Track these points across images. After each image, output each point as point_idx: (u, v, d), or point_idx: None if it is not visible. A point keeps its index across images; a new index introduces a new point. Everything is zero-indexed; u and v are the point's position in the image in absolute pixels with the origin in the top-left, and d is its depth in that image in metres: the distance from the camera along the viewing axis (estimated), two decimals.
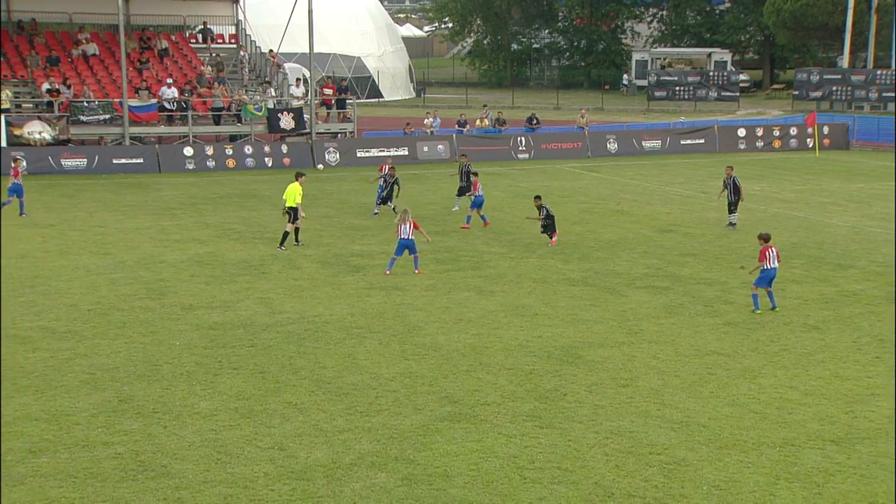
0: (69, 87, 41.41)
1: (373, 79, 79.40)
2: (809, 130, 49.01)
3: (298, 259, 23.87)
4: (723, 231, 27.76)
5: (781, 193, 35.15)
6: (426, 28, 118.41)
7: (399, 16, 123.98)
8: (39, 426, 13.43)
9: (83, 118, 40.28)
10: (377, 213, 29.98)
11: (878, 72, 63.86)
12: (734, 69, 76.62)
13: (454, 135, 45.87)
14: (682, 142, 48.01)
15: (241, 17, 50.09)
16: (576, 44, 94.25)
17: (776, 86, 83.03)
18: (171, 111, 42.17)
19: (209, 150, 40.80)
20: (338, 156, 42.36)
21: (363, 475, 11.99)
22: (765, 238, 19.40)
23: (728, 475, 12.08)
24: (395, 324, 18.42)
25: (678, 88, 70.08)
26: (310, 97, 43.85)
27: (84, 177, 37.79)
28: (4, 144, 38.01)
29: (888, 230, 27.56)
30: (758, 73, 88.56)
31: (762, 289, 19.30)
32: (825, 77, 65.07)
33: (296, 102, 44.34)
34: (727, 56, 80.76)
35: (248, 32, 50.06)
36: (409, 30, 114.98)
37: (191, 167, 40.05)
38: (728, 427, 13.57)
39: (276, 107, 43.33)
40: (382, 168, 30.82)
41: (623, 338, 17.68)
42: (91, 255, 24.14)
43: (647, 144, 47.53)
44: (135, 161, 39.65)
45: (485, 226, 27.94)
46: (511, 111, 60.35)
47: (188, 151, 40.57)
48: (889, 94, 61.89)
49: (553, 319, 18.80)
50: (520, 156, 45.24)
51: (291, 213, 24.84)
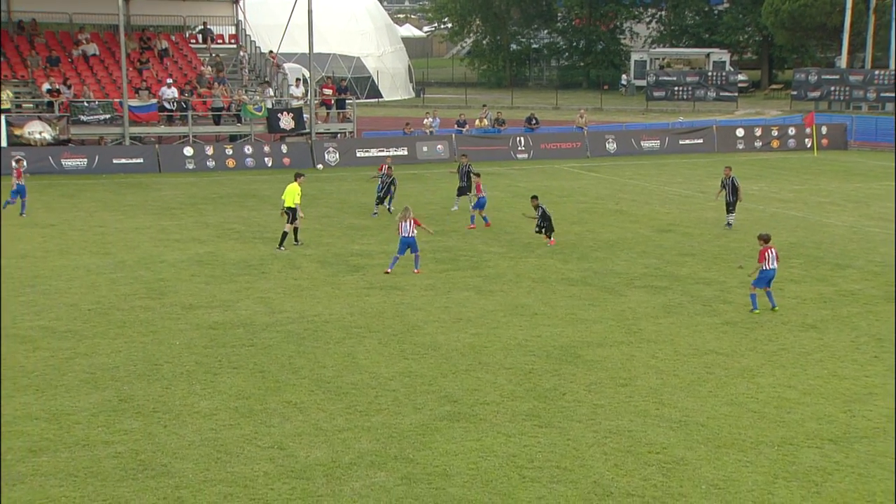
0: (69, 88, 41.43)
1: (372, 79, 79.42)
2: (808, 130, 49.06)
3: (298, 259, 23.91)
4: (721, 231, 27.80)
5: (780, 193, 35.19)
6: (425, 28, 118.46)
7: (398, 16, 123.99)
8: (40, 425, 13.45)
9: (83, 118, 40.31)
10: (377, 213, 30.04)
11: (876, 72, 63.89)
12: (733, 69, 76.68)
13: (453, 135, 45.88)
14: (681, 142, 48.04)
15: (241, 18, 50.10)
16: (575, 44, 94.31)
17: (774, 86, 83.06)
18: (171, 111, 42.20)
19: (209, 150, 40.83)
20: (337, 156, 42.39)
21: (363, 474, 12.02)
22: (765, 239, 19.43)
23: (726, 474, 12.11)
24: (395, 323, 18.45)
25: (677, 88, 70.13)
26: (309, 97, 43.86)
27: (84, 177, 37.82)
28: (5, 144, 38.05)
29: (886, 230, 27.60)
30: (756, 74, 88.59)
31: (760, 289, 19.35)
32: (823, 77, 65.11)
33: (295, 102, 44.35)
34: (726, 56, 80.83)
35: (248, 33, 50.06)
36: (409, 30, 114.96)
37: (191, 167, 40.08)
38: (726, 426, 13.60)
39: (276, 107, 43.37)
40: (382, 167, 30.86)
41: (622, 337, 17.72)
42: (91, 255, 24.17)
43: (646, 144, 47.56)
44: (135, 161, 39.69)
45: (486, 226, 28.01)
46: (510, 111, 60.35)
47: (188, 151, 40.60)
48: (887, 94, 61.90)
49: (552, 319, 18.84)
50: (519, 156, 45.28)
51: (290, 214, 24.88)
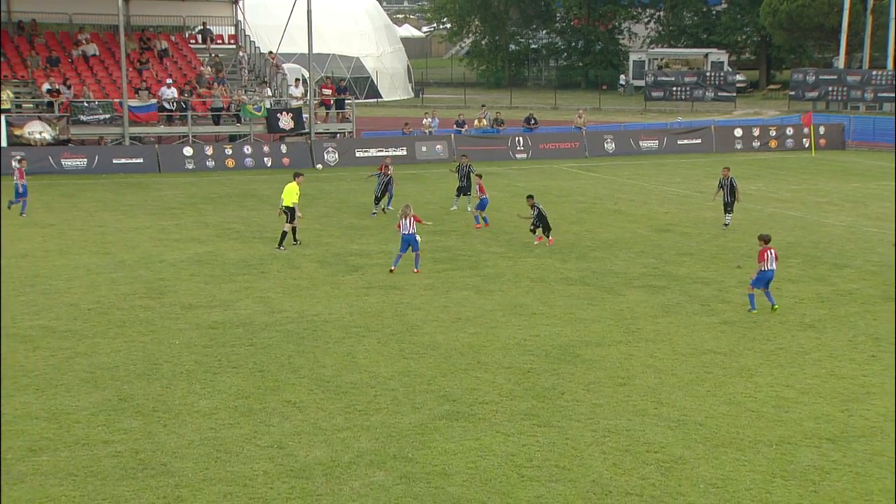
0: (69, 88, 41.47)
1: (371, 79, 79.45)
2: (805, 130, 49.12)
3: (297, 258, 23.93)
4: (719, 231, 27.84)
5: (778, 193, 35.23)
6: (424, 29, 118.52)
7: (397, 16, 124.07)
8: (40, 424, 13.47)
9: (83, 118, 40.35)
10: (375, 213, 30.07)
11: (874, 72, 64.00)
12: (731, 70, 76.80)
13: (452, 135, 45.93)
14: (679, 142, 48.10)
15: (241, 18, 50.12)
16: (573, 44, 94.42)
17: (772, 86, 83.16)
18: (171, 111, 42.23)
19: (208, 150, 40.86)
20: (336, 156, 42.42)
21: (362, 473, 12.04)
22: (765, 239, 19.46)
23: (725, 473, 12.14)
24: (394, 323, 18.48)
25: (675, 89, 70.22)
26: (309, 97, 43.91)
27: (84, 176, 37.84)
28: (5, 144, 38.09)
29: (884, 230, 27.63)
30: (754, 74, 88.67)
31: (759, 289, 19.38)
32: (821, 77, 65.22)
33: (295, 103, 44.39)
34: (724, 56, 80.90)
35: (248, 33, 50.09)
36: (408, 30, 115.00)
37: (190, 167, 40.11)
38: (725, 425, 13.63)
39: (275, 107, 43.40)
40: (382, 167, 30.90)
41: (620, 337, 17.75)
42: (91, 255, 24.19)
43: (645, 144, 47.61)
44: (134, 161, 39.73)
45: (486, 226, 28.05)
46: (509, 111, 60.42)
47: (188, 151, 40.63)
48: (884, 95, 62.02)
49: (551, 318, 18.87)
50: (518, 156, 45.32)
51: (289, 213, 24.92)
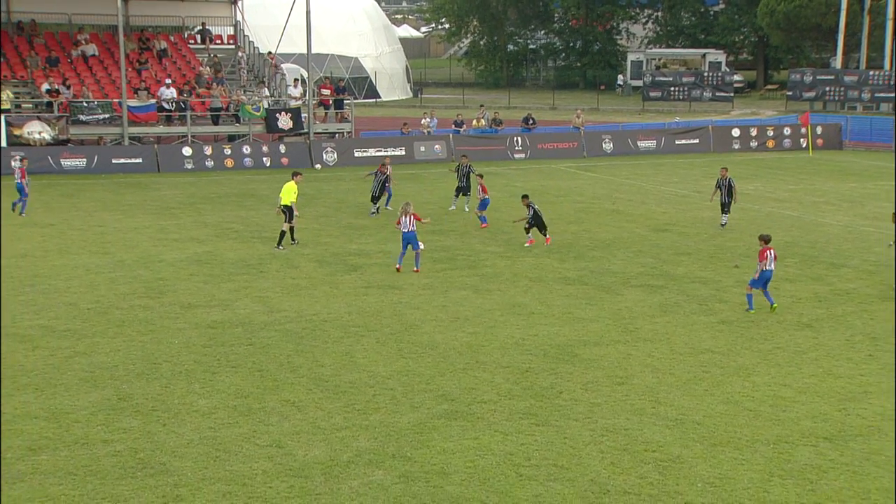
0: (68, 88, 41.48)
1: (370, 79, 79.49)
2: (803, 130, 49.18)
3: (296, 258, 23.97)
4: (717, 230, 27.89)
5: (775, 193, 35.29)
6: (423, 29, 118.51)
7: (396, 17, 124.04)
8: (39, 424, 13.50)
9: (82, 118, 40.37)
10: (374, 213, 30.10)
11: (871, 72, 64.08)
12: (728, 70, 76.87)
13: (451, 135, 45.96)
14: (677, 142, 48.14)
15: (240, 19, 50.12)
16: (571, 44, 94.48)
17: (770, 86, 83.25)
18: (170, 111, 42.25)
19: (208, 150, 40.88)
20: (335, 156, 42.45)
21: (361, 472, 12.07)
22: (765, 239, 19.52)
23: (722, 472, 12.18)
24: (393, 322, 18.52)
25: (673, 89, 70.26)
26: (307, 97, 43.94)
27: (83, 176, 37.85)
28: (4, 144, 38.11)
29: (881, 229, 27.63)
30: (752, 74, 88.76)
31: (757, 289, 19.43)
32: (818, 78, 65.31)
33: (294, 103, 44.41)
34: (721, 57, 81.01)
35: (247, 33, 50.08)
36: (406, 30, 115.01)
37: (189, 167, 40.13)
38: (722, 424, 13.68)
39: (274, 107, 43.43)
40: (380, 167, 30.91)
41: (618, 336, 17.79)
42: (90, 255, 24.22)
43: (643, 144, 47.65)
44: (134, 161, 39.75)
45: (481, 226, 28.08)
46: (507, 111, 60.47)
47: (187, 151, 40.65)
48: (881, 95, 62.12)
49: (549, 318, 18.91)
50: (516, 156, 45.36)
51: (287, 213, 24.93)
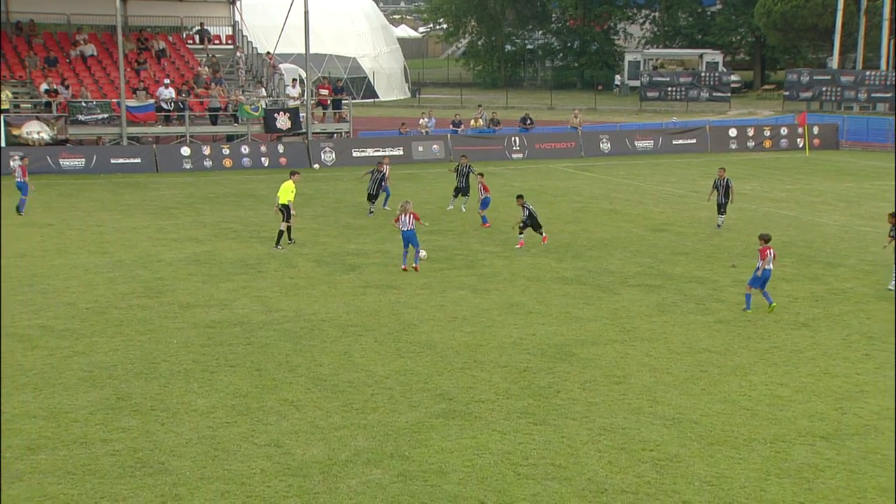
0: (67, 88, 41.49)
1: (368, 79, 79.50)
2: (800, 130, 49.25)
3: (294, 258, 23.99)
4: (714, 230, 27.93)
5: (772, 193, 35.34)
6: (421, 29, 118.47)
7: (394, 17, 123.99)
8: (38, 423, 13.51)
9: (81, 118, 40.36)
10: (372, 212, 30.12)
11: (868, 73, 64.18)
12: (725, 70, 76.92)
13: (449, 135, 45.98)
14: (674, 142, 48.21)
15: (238, 19, 50.13)
16: (569, 45, 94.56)
17: (767, 86, 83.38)
18: (169, 111, 42.25)
19: (206, 150, 40.88)
20: (333, 156, 42.47)
21: (359, 472, 12.09)
22: (765, 239, 19.58)
23: (719, 471, 12.21)
24: (391, 322, 18.55)
25: (670, 89, 70.34)
26: (306, 97, 43.98)
27: (82, 176, 37.85)
28: (3, 144, 38.12)
29: (877, 229, 27.69)
30: (749, 74, 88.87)
31: (756, 289, 19.48)
32: (815, 78, 65.44)
33: (292, 103, 44.43)
34: (718, 57, 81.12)
35: (245, 33, 50.10)
36: (404, 31, 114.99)
37: (188, 167, 40.14)
38: (719, 423, 13.71)
39: (273, 107, 43.46)
40: (379, 166, 30.93)
41: (616, 335, 17.83)
42: (89, 254, 24.23)
43: (640, 144, 47.70)
44: (132, 161, 39.75)
45: (483, 226, 28.12)
46: (505, 111, 60.52)
47: (185, 151, 40.66)
48: (878, 95, 62.23)
49: (547, 317, 18.94)
50: (514, 156, 45.40)
51: (285, 212, 24.96)
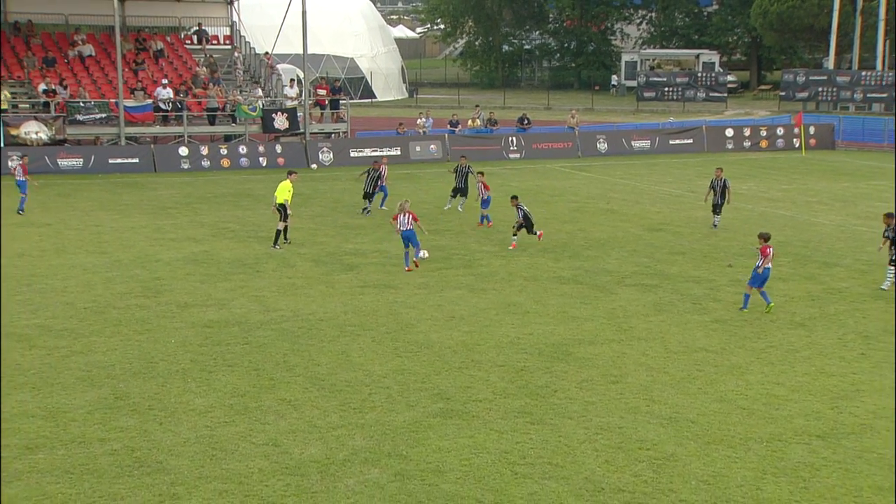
0: (65, 88, 41.48)
1: (366, 79, 79.50)
2: (796, 130, 49.33)
3: (292, 257, 24.01)
4: (711, 230, 27.98)
5: (768, 192, 35.39)
6: (418, 29, 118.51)
7: (391, 17, 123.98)
8: (36, 423, 13.53)
9: (79, 118, 40.37)
10: (369, 211, 30.11)
11: (863, 73, 64.29)
12: (722, 70, 77.04)
13: (446, 135, 46.02)
14: (671, 142, 48.26)
15: (236, 19, 50.12)
16: (566, 45, 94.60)
17: (763, 86, 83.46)
18: (167, 111, 42.25)
19: (204, 150, 40.89)
20: (331, 155, 42.50)
21: (356, 471, 12.12)
22: (765, 237, 19.64)
23: (716, 470, 12.25)
24: (388, 321, 18.57)
25: (667, 89, 70.44)
26: (303, 98, 43.99)
27: (80, 176, 37.85)
28: (2, 144, 38.12)
29: (873, 228, 27.73)
30: (745, 74, 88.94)
31: (755, 288, 19.53)
32: (811, 78, 65.54)
33: (290, 103, 44.45)
34: (715, 57, 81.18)
35: (243, 34, 50.12)
36: (402, 31, 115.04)
37: (186, 167, 40.15)
38: (716, 423, 13.74)
39: (270, 107, 43.47)
40: (376, 165, 30.94)
41: (613, 335, 17.86)
42: (87, 254, 24.24)
43: (637, 144, 47.76)
44: (130, 161, 39.76)
45: (479, 226, 28.15)
46: (502, 111, 60.56)
47: (183, 151, 40.67)
48: (874, 95, 62.32)
49: (544, 317, 18.97)
50: (511, 155, 45.44)
51: (282, 211, 24.98)
